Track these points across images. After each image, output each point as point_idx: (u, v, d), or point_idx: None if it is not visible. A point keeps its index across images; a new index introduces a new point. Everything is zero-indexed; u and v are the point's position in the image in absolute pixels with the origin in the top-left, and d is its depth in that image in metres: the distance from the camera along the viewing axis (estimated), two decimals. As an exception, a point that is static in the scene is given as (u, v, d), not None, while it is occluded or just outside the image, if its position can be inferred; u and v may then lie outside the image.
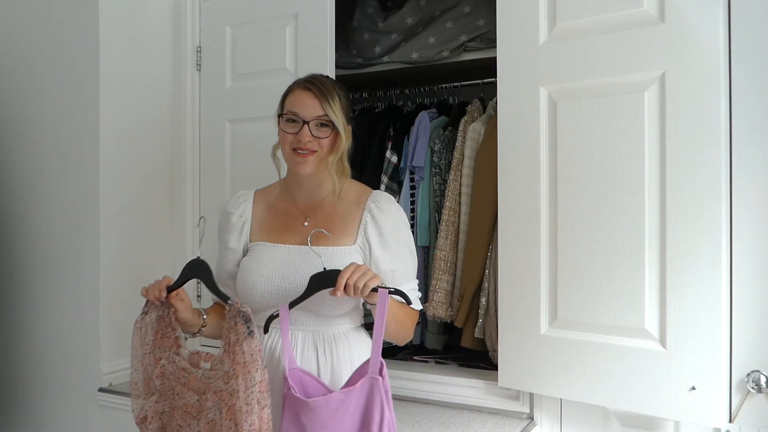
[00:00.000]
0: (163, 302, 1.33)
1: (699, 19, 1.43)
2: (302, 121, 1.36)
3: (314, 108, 1.36)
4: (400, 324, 1.36)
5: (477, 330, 1.90)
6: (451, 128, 2.17)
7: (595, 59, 1.56)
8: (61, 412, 2.16)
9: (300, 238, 1.40)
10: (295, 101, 1.38)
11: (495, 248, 1.85)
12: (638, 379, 1.49)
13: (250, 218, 1.48)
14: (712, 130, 1.41)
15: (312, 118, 1.36)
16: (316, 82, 1.39)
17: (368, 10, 2.38)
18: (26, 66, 2.24)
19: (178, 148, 2.31)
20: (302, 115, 1.36)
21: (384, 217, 1.40)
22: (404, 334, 1.42)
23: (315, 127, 1.36)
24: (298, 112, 1.37)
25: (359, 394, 1.23)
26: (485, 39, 2.08)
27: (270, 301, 1.37)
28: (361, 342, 1.42)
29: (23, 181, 2.25)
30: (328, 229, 1.37)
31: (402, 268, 1.41)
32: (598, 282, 1.55)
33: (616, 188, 1.53)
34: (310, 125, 1.36)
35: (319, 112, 1.36)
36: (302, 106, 1.37)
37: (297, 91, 1.39)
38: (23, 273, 2.25)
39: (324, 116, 1.36)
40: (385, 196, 1.46)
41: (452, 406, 1.84)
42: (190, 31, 2.30)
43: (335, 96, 1.38)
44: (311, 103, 1.36)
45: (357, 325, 1.45)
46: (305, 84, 1.39)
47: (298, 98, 1.38)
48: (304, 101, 1.37)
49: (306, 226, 1.42)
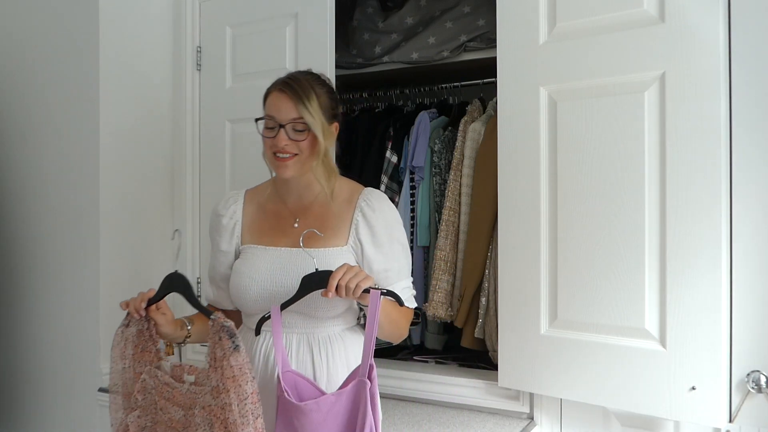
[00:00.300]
0: (143, 316, 1.32)
1: (699, 19, 1.43)
2: (278, 125, 1.34)
3: (289, 111, 1.33)
4: (394, 324, 1.36)
5: (477, 330, 1.90)
6: (451, 128, 2.17)
7: (595, 59, 1.56)
8: (61, 412, 2.16)
9: (291, 240, 1.39)
10: (271, 104, 1.36)
11: (495, 248, 1.85)
12: (638, 379, 1.49)
13: (240, 220, 1.46)
14: (712, 130, 1.41)
15: (287, 121, 1.33)
16: (291, 83, 1.36)
17: (368, 10, 2.38)
18: (26, 66, 2.24)
19: (178, 148, 2.31)
20: (278, 119, 1.34)
21: (376, 217, 1.38)
22: (399, 333, 1.41)
23: (292, 130, 1.34)
24: (274, 115, 1.35)
25: (349, 396, 1.22)
26: (485, 39, 2.08)
27: (263, 305, 1.36)
28: (356, 343, 1.41)
29: (23, 182, 2.25)
30: (319, 229, 1.35)
31: (395, 268, 1.40)
32: (598, 282, 1.55)
33: (616, 188, 1.53)
34: (287, 128, 1.33)
35: (293, 115, 1.33)
36: (277, 109, 1.34)
37: (273, 93, 1.37)
38: (23, 273, 2.25)
39: (299, 119, 1.33)
40: (377, 193, 1.43)
41: (452, 406, 1.84)
42: (190, 31, 2.30)
43: (312, 96, 1.34)
44: (286, 105, 1.34)
45: (351, 326, 1.43)
46: (280, 86, 1.36)
47: (274, 101, 1.36)
48: (279, 104, 1.35)
49: (296, 227, 1.40)
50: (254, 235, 1.45)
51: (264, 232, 1.44)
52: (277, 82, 1.39)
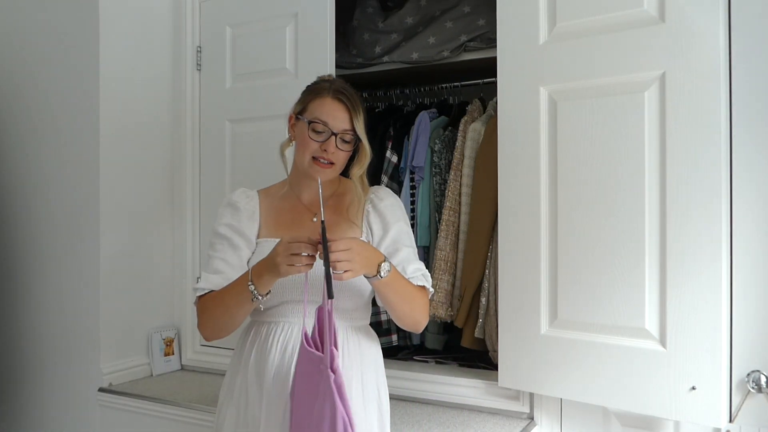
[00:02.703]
0: None
1: (699, 18, 1.43)
2: (330, 132, 1.35)
3: (344, 121, 1.36)
4: (406, 303, 1.33)
5: (477, 330, 1.90)
6: (451, 128, 2.17)
7: (595, 59, 1.56)
8: (61, 412, 2.16)
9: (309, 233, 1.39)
10: (326, 110, 1.36)
11: (495, 248, 1.85)
12: (638, 379, 1.49)
13: (258, 211, 1.46)
14: (712, 130, 1.41)
15: (341, 130, 1.35)
16: (347, 94, 1.38)
17: (368, 10, 2.38)
18: (27, 66, 2.24)
19: (178, 148, 2.31)
20: (331, 126, 1.35)
21: (384, 205, 1.43)
22: (413, 317, 1.37)
23: (340, 140, 1.36)
24: (328, 122, 1.35)
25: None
26: (485, 39, 2.08)
27: (285, 296, 1.36)
28: (370, 338, 1.43)
29: (23, 181, 2.25)
30: (335, 223, 1.37)
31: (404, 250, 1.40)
32: (598, 282, 1.55)
33: (616, 188, 1.53)
34: (337, 137, 1.35)
35: (347, 126, 1.36)
36: (333, 117, 1.35)
37: (328, 99, 1.37)
38: (23, 273, 2.25)
39: (351, 131, 1.36)
40: (385, 189, 1.49)
41: (452, 406, 1.84)
42: (190, 31, 2.30)
43: (360, 111, 1.38)
44: (342, 116, 1.36)
45: (366, 323, 1.46)
46: (337, 95, 1.37)
47: (329, 108, 1.36)
48: (335, 112, 1.36)
49: (315, 221, 1.43)
50: (271, 229, 1.44)
51: (281, 226, 1.44)
52: (328, 88, 1.39)
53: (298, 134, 1.39)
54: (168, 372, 2.26)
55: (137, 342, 2.21)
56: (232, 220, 1.43)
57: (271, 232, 1.43)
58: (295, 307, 1.36)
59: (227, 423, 1.39)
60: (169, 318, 2.33)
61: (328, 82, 1.42)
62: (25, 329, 2.25)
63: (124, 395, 2.02)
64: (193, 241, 2.29)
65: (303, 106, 1.40)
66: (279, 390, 1.31)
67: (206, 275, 1.39)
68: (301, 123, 1.38)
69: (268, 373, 1.33)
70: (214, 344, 2.19)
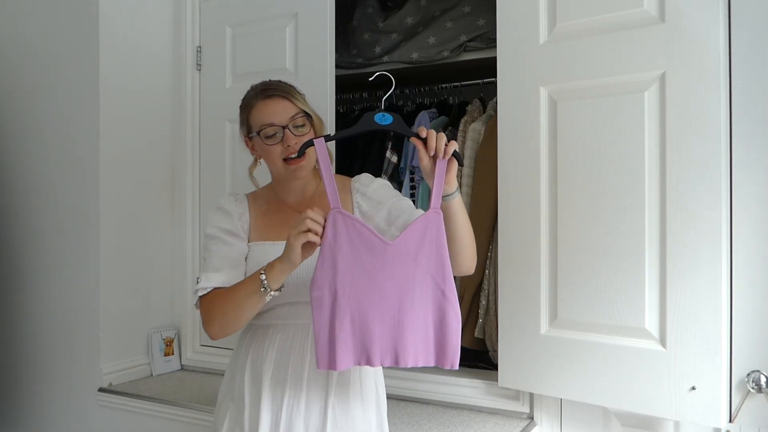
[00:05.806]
0: None
1: (699, 18, 1.43)
2: (281, 127, 1.33)
3: (285, 110, 1.34)
4: (468, 221, 1.29)
5: (477, 330, 1.90)
6: (451, 128, 2.17)
7: (595, 59, 1.56)
8: (61, 412, 2.16)
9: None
10: (264, 113, 1.35)
11: (495, 248, 1.85)
12: (638, 379, 1.49)
13: (248, 215, 1.45)
14: (712, 130, 1.41)
15: (288, 120, 1.34)
16: (272, 86, 1.37)
17: (368, 10, 2.38)
18: (27, 66, 2.24)
19: (178, 148, 2.31)
20: (278, 122, 1.33)
21: (370, 188, 1.42)
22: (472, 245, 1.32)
23: (293, 128, 1.34)
24: (273, 121, 1.34)
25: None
26: (485, 39, 2.08)
27: (281, 299, 1.35)
28: None
29: (23, 181, 2.25)
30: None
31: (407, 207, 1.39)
32: (598, 282, 1.55)
33: (616, 188, 1.53)
34: (290, 128, 1.34)
35: (291, 112, 1.34)
36: (273, 114, 1.34)
37: (259, 103, 1.36)
38: (23, 272, 2.26)
39: (298, 114, 1.34)
40: (366, 174, 1.47)
41: (452, 406, 1.84)
42: (190, 31, 2.30)
43: (294, 91, 1.37)
44: (280, 108, 1.34)
45: None
46: (264, 94, 1.37)
47: (264, 109, 1.35)
48: (271, 108, 1.34)
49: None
50: (261, 233, 1.44)
51: (271, 229, 1.43)
52: (256, 94, 1.38)
53: (260, 150, 1.39)
54: (168, 372, 2.26)
55: (137, 342, 2.22)
56: (223, 223, 1.43)
57: (261, 235, 1.43)
58: (291, 310, 1.36)
59: (226, 423, 1.39)
60: (169, 318, 2.33)
61: (252, 90, 1.41)
62: (25, 329, 2.25)
63: (124, 395, 2.02)
64: (193, 241, 2.29)
65: (246, 124, 1.40)
66: (278, 390, 1.32)
67: (206, 275, 1.38)
68: (255, 139, 1.38)
69: (266, 373, 1.33)
70: (214, 344, 2.19)
